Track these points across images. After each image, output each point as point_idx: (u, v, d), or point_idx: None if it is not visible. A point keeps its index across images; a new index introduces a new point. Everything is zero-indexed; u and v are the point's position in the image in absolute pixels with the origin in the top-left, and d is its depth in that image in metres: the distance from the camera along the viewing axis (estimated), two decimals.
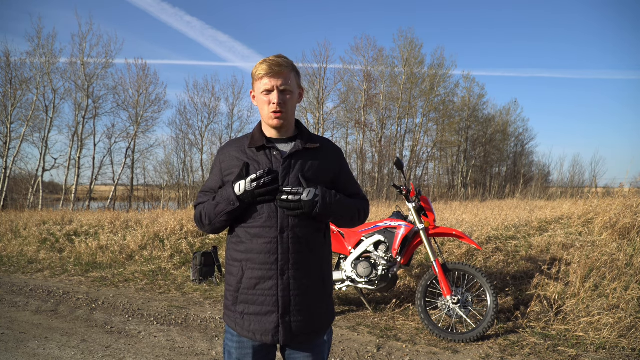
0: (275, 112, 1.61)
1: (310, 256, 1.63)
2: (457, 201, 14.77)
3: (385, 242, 4.42)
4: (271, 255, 1.58)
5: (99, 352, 3.77)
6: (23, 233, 10.24)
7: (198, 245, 7.87)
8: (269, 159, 1.63)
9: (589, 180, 22.06)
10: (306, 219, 1.61)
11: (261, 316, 1.59)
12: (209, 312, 4.93)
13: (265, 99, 1.62)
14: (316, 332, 1.67)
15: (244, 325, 1.61)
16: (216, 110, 28.80)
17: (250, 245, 1.60)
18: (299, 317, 1.60)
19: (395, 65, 29.77)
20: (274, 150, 1.64)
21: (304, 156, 1.66)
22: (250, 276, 1.59)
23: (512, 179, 33.70)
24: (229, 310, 1.66)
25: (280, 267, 1.58)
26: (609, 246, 5.18)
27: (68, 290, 6.04)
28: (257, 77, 1.62)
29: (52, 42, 24.63)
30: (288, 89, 1.62)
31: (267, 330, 1.58)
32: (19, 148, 24.03)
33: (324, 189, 1.61)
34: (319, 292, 1.67)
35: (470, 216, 8.28)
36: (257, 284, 1.59)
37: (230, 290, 1.65)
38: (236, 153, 1.67)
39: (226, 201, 1.60)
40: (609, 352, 3.57)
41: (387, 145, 28.91)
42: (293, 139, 1.70)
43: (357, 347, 3.84)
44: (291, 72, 1.63)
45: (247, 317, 1.61)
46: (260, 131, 1.70)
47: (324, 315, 1.70)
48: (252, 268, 1.59)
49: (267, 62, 1.60)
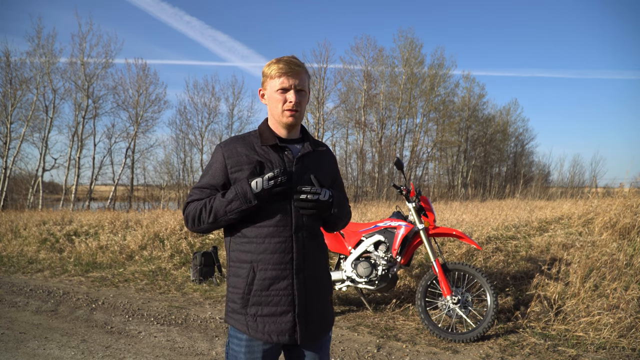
0: (291, 110, 1.61)
1: (321, 255, 1.69)
2: (457, 201, 14.76)
3: (385, 242, 4.42)
4: (286, 254, 1.57)
5: (99, 352, 3.77)
6: (23, 233, 10.24)
7: (198, 245, 7.87)
8: (282, 159, 1.62)
9: (589, 180, 22.08)
10: (315, 219, 1.65)
11: (276, 317, 1.57)
12: (209, 312, 4.93)
13: (281, 97, 1.61)
14: (326, 329, 1.71)
15: (257, 327, 1.57)
16: (216, 110, 28.85)
17: (263, 246, 1.57)
18: (315, 315, 1.63)
19: (395, 65, 29.83)
20: (286, 149, 1.64)
21: (313, 158, 1.69)
22: (263, 277, 1.57)
23: (512, 179, 33.71)
24: (237, 314, 1.61)
25: (295, 266, 1.58)
26: (609, 246, 5.18)
27: (68, 290, 6.04)
28: (271, 75, 1.61)
29: (52, 42, 24.81)
30: (303, 89, 1.64)
31: (283, 330, 1.57)
32: (19, 148, 24.07)
33: (332, 190, 1.69)
34: (328, 289, 1.74)
35: (470, 216, 8.28)
36: (271, 284, 1.57)
37: (237, 293, 1.61)
38: (245, 150, 1.63)
39: (242, 198, 1.54)
40: (609, 352, 3.57)
41: (387, 145, 28.91)
42: (299, 141, 1.71)
43: (357, 347, 3.84)
44: (305, 74, 1.65)
45: (260, 318, 1.57)
46: (269, 129, 1.68)
47: (331, 313, 1.76)
48: (264, 269, 1.57)
49: (283, 61, 1.60)
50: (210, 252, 6.57)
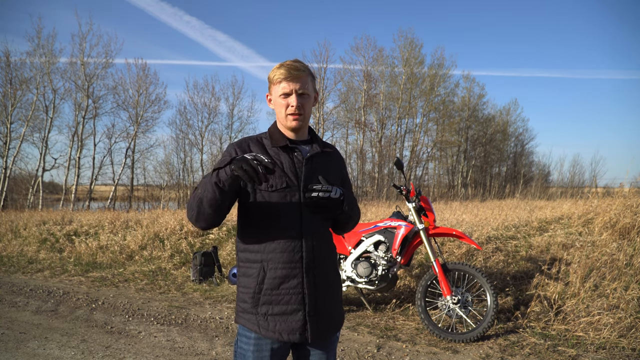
0: (294, 115, 1.64)
1: (330, 253, 1.71)
2: (457, 201, 14.77)
3: (385, 242, 4.42)
4: (295, 253, 1.59)
5: (99, 352, 3.77)
6: (23, 233, 10.24)
7: (198, 245, 7.87)
8: (292, 159, 1.65)
9: (589, 180, 22.10)
10: (325, 219, 1.68)
11: (287, 315, 1.59)
12: (209, 312, 4.93)
13: (283, 102, 1.65)
14: (336, 328, 1.72)
15: (268, 326, 1.59)
16: (216, 110, 28.86)
17: (272, 245, 1.59)
18: (325, 313, 1.64)
19: (395, 65, 29.81)
20: (296, 150, 1.67)
21: (321, 159, 1.72)
22: (273, 276, 1.58)
23: (512, 179, 33.73)
24: (247, 313, 1.63)
25: (305, 265, 1.60)
26: (609, 246, 5.18)
27: (68, 290, 6.04)
28: (275, 81, 1.65)
29: (52, 42, 24.81)
30: (305, 92, 1.66)
31: (294, 329, 1.59)
32: (19, 148, 24.06)
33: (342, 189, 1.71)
34: (339, 288, 1.76)
35: (470, 216, 8.28)
36: (281, 283, 1.58)
37: (247, 293, 1.63)
38: (256, 149, 1.66)
39: (223, 164, 1.48)
40: (609, 352, 3.57)
41: (387, 145, 28.91)
42: (308, 142, 1.74)
43: (357, 347, 3.84)
44: (308, 76, 1.67)
45: (271, 317, 1.59)
46: (279, 131, 1.71)
47: (341, 312, 1.77)
48: (274, 268, 1.58)
49: (285, 67, 1.63)
50: (210, 252, 6.57)
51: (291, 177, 1.62)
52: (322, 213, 1.64)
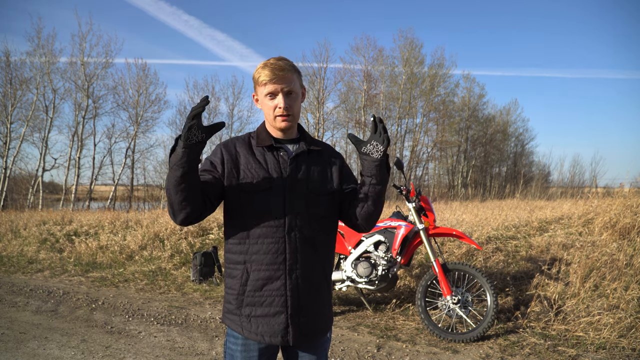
0: (282, 116, 1.61)
1: (316, 256, 1.64)
2: (457, 201, 14.77)
3: (385, 242, 4.42)
4: (279, 255, 1.57)
5: (99, 352, 3.77)
6: (23, 233, 10.24)
7: (198, 245, 7.87)
8: (276, 159, 1.63)
9: (589, 180, 22.10)
10: (317, 219, 1.63)
11: (269, 317, 1.57)
12: (209, 312, 4.93)
13: (271, 104, 1.62)
14: (322, 331, 1.69)
15: (251, 328, 1.59)
16: (216, 110, 28.83)
17: (256, 246, 1.58)
18: (308, 316, 1.61)
19: (395, 65, 29.78)
20: (281, 150, 1.65)
21: (308, 158, 1.68)
22: (256, 277, 1.57)
23: (512, 179, 33.69)
24: (232, 315, 1.63)
25: (288, 267, 1.57)
26: (609, 246, 5.18)
27: (68, 290, 6.04)
28: (260, 82, 1.61)
29: (52, 42, 24.81)
30: (292, 91, 1.62)
31: (275, 331, 1.57)
32: (19, 148, 24.04)
33: None
34: (325, 291, 1.70)
35: (470, 216, 8.28)
36: (264, 285, 1.57)
37: (232, 294, 1.62)
38: (242, 149, 1.65)
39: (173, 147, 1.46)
40: (609, 352, 3.57)
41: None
42: (296, 141, 1.71)
43: (357, 347, 3.84)
44: (294, 74, 1.63)
45: (254, 319, 1.58)
46: (266, 131, 1.70)
47: (328, 315, 1.72)
48: (257, 269, 1.57)
49: (269, 67, 1.59)
50: (210, 252, 6.57)
51: (275, 178, 1.60)
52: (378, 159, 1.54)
